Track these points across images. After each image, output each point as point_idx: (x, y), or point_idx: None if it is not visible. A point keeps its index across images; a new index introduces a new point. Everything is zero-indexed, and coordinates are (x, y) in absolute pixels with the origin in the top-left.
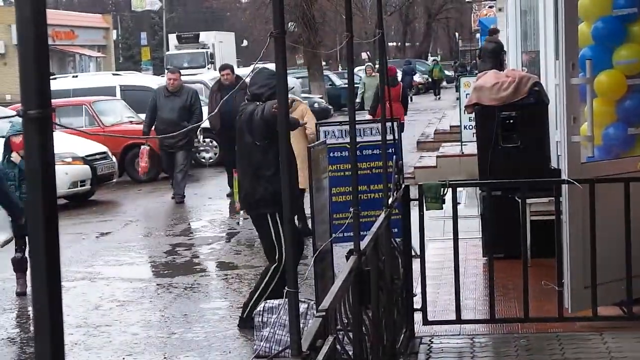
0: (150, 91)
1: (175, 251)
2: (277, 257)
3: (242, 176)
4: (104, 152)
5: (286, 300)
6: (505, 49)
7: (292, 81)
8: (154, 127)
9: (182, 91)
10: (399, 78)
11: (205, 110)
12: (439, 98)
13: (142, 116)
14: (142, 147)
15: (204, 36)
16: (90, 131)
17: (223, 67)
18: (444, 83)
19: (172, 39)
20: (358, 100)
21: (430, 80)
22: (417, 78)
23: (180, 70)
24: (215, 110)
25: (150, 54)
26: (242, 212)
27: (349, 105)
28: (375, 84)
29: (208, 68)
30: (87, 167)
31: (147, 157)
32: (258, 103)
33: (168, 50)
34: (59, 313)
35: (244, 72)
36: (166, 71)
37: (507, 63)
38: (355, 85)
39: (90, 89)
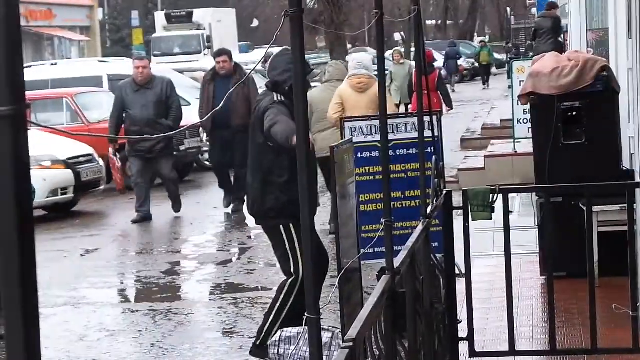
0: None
1: (175, 271)
2: (292, 269)
3: (251, 180)
4: (89, 155)
5: (307, 328)
6: (565, 26)
7: (361, 57)
8: (125, 128)
9: (154, 83)
10: (442, 62)
11: (195, 105)
12: (487, 87)
13: None
14: (110, 156)
15: (198, 14)
16: (73, 130)
17: (219, 53)
18: (494, 69)
19: (160, 18)
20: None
21: (476, 65)
22: (463, 62)
23: (170, 57)
24: (217, 107)
25: (143, 37)
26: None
27: (380, 96)
28: (404, 72)
29: (205, 54)
30: (69, 171)
31: (119, 169)
32: (277, 97)
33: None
34: (35, 348)
35: (253, 57)
36: (133, 59)
37: (568, 44)
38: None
39: (71, 79)
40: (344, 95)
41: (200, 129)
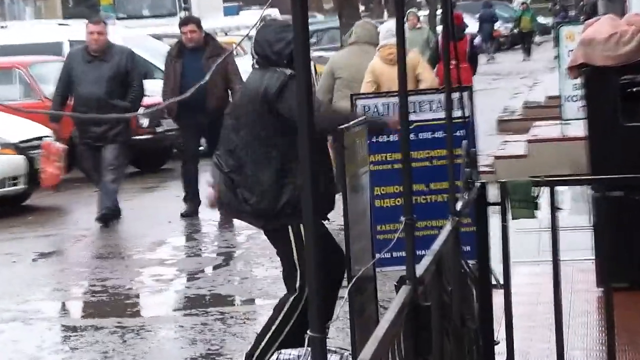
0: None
1: (149, 279)
2: (297, 284)
3: (253, 175)
4: (46, 137)
5: (309, 349)
6: None
7: (393, 24)
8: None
9: (111, 53)
10: (476, 27)
11: (158, 84)
12: (529, 58)
13: None
14: (46, 140)
15: None
16: (26, 107)
17: (185, 21)
18: (536, 37)
19: None
20: None
21: (516, 32)
22: (500, 27)
23: (137, 20)
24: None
25: None
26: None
27: (399, 68)
28: (422, 39)
29: (181, 17)
30: (20, 157)
31: (58, 157)
32: (278, 69)
33: None
34: None
35: (241, 20)
36: (87, 23)
37: (628, 4)
38: None
39: (25, 45)
40: (376, 71)
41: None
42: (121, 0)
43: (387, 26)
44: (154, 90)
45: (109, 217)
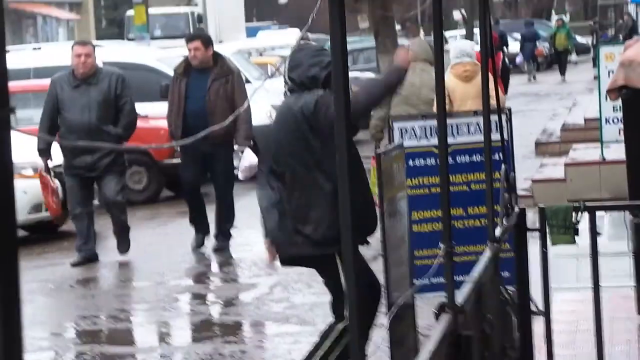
0: (147, 70)
1: (187, 306)
2: (344, 312)
3: (305, 205)
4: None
5: None
6: None
7: (463, 44)
8: (57, 135)
9: (99, 76)
10: (518, 46)
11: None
12: (564, 79)
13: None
14: (42, 173)
15: None
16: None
17: (191, 38)
18: (573, 55)
19: None
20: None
21: (552, 50)
22: (541, 46)
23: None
24: (191, 108)
25: (147, 15)
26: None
27: (438, 91)
28: (447, 62)
29: None
30: (56, 182)
31: (53, 192)
32: (312, 91)
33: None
34: None
35: (259, 42)
36: (73, 45)
37: None
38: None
39: (59, 67)
40: (449, 87)
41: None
42: (129, 20)
43: (460, 46)
44: None
45: (124, 249)
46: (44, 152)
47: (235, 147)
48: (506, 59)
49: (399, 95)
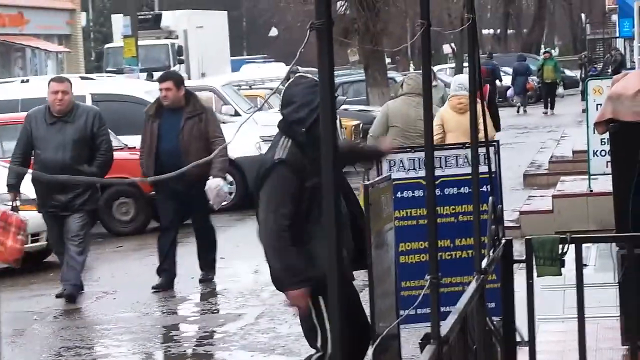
0: (136, 103)
1: (173, 337)
2: (318, 343)
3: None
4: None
5: None
6: None
7: (463, 78)
8: (32, 174)
9: (75, 113)
10: (509, 80)
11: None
12: (552, 112)
13: (124, 139)
14: (7, 211)
15: (168, 18)
16: None
17: (163, 78)
18: (560, 89)
19: (118, 21)
20: None
21: (538, 84)
22: (532, 80)
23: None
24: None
25: (136, 48)
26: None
27: (425, 122)
28: (437, 98)
29: (174, 68)
30: (23, 221)
31: (18, 229)
32: (279, 153)
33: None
34: None
35: (243, 76)
36: (49, 82)
37: None
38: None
39: (46, 99)
40: (444, 117)
41: None
42: (111, 53)
43: (459, 79)
44: None
45: (74, 295)
46: (13, 187)
47: (209, 179)
48: (496, 94)
49: (395, 127)
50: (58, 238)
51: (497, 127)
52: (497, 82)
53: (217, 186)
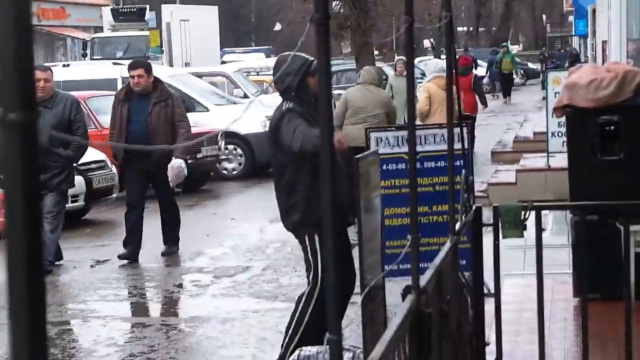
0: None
1: (189, 284)
2: (311, 277)
3: (276, 192)
4: (102, 161)
5: (327, 347)
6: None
7: (438, 61)
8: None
9: (55, 100)
10: (485, 71)
11: (213, 111)
12: (509, 101)
13: None
14: None
15: (153, 12)
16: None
17: (134, 65)
18: (517, 79)
19: (106, 13)
20: None
21: (497, 74)
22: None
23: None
24: (133, 131)
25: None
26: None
27: (409, 106)
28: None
29: (157, 56)
30: (80, 178)
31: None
32: (285, 104)
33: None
34: None
35: (226, 67)
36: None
37: (608, 54)
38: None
39: (85, 81)
40: (431, 91)
41: (220, 135)
42: (97, 43)
43: (439, 63)
44: (196, 121)
45: (48, 271)
46: None
47: (173, 159)
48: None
49: (353, 107)
50: None
51: (485, 104)
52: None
53: (179, 167)
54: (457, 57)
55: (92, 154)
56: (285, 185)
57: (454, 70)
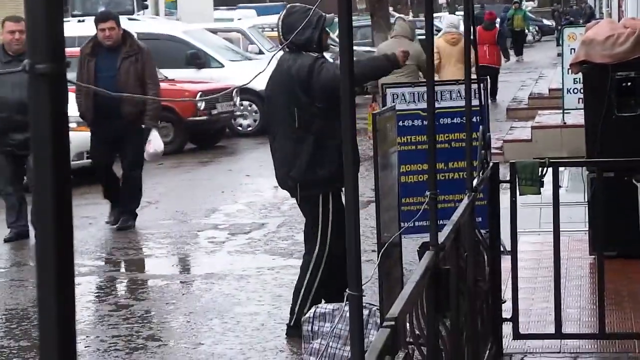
0: (175, 41)
1: (205, 241)
2: (318, 245)
3: (293, 149)
4: None
5: (343, 305)
6: None
7: (452, 18)
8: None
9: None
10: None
11: (228, 67)
12: (522, 59)
13: (165, 72)
14: None
15: None
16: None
17: (103, 17)
18: (529, 36)
19: None
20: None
21: (508, 31)
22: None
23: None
24: (101, 88)
25: None
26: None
27: (428, 62)
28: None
29: (139, 14)
30: None
31: None
32: (311, 54)
33: None
34: (70, 323)
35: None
36: (3, 21)
37: (624, 10)
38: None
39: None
40: (440, 47)
41: (235, 91)
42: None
43: (450, 19)
44: (211, 77)
45: (21, 234)
46: None
47: (143, 126)
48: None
49: None
50: (10, 180)
51: (507, 57)
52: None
53: (156, 149)
54: (480, 12)
55: None
56: (312, 136)
57: (472, 26)
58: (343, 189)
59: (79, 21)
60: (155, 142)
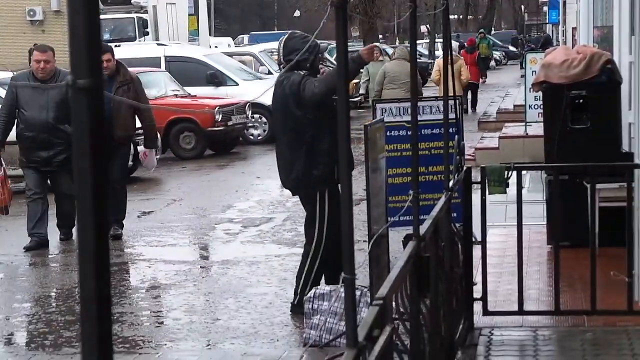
0: (197, 63)
1: (221, 233)
2: (315, 235)
3: (291, 154)
4: None
5: (338, 287)
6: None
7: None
8: (17, 132)
9: (57, 79)
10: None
11: (242, 85)
12: (484, 81)
13: (188, 89)
14: None
15: None
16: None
17: (102, 51)
18: (492, 62)
19: None
20: (362, 91)
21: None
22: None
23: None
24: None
25: (197, 23)
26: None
27: (412, 80)
28: (380, 68)
29: (140, 40)
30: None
31: (2, 178)
32: (301, 72)
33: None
34: (107, 302)
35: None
36: (32, 50)
37: (577, 39)
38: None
39: (133, 59)
40: (440, 65)
41: (247, 106)
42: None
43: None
44: (227, 94)
45: (67, 235)
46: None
47: (141, 148)
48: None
49: (389, 76)
50: (38, 186)
51: (485, 76)
52: None
53: (151, 165)
54: (456, 39)
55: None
56: (304, 143)
57: (456, 50)
58: (339, 187)
59: (116, 46)
60: (149, 160)
